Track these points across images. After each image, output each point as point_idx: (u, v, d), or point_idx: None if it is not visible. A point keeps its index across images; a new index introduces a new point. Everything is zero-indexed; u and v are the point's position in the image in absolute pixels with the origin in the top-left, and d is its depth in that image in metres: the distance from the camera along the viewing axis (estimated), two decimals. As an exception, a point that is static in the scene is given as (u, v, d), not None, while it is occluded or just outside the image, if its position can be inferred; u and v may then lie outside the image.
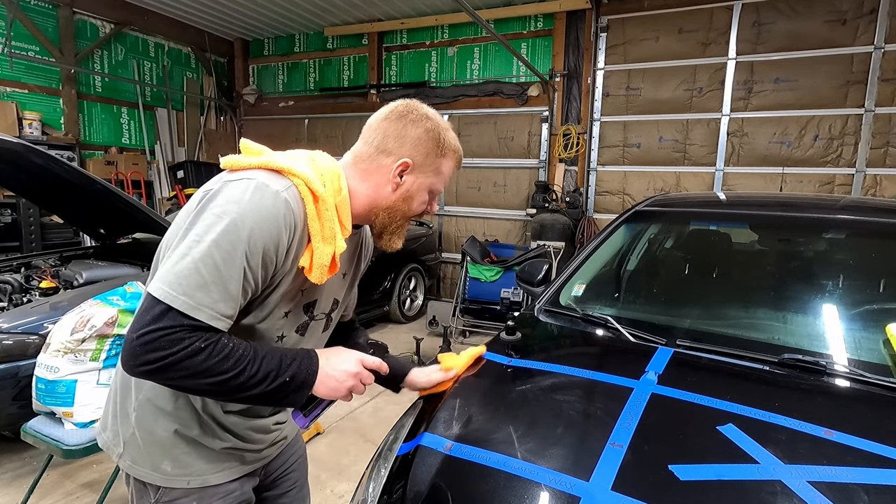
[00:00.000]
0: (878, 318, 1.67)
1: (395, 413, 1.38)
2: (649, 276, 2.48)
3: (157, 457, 1.07)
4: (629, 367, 1.51)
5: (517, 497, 1.06)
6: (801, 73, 5.22)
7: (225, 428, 1.10)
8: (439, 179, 1.14)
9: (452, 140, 1.14)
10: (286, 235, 0.94)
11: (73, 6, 6.43)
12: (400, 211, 1.12)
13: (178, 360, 0.86)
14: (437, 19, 6.76)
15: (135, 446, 1.08)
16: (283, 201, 0.93)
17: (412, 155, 1.08)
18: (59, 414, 2.27)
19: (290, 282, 1.02)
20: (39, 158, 2.95)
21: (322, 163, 1.06)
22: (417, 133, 1.08)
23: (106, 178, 5.49)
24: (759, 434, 1.17)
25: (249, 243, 0.89)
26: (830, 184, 5.24)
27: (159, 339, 0.85)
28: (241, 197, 0.91)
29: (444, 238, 7.11)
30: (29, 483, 2.49)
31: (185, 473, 1.08)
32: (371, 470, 1.29)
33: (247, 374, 0.91)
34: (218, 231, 0.88)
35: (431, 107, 1.14)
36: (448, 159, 1.14)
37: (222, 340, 0.90)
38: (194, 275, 0.87)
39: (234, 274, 0.89)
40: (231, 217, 0.89)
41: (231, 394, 0.94)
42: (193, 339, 0.87)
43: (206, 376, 0.89)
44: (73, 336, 2.27)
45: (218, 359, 0.89)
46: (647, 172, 5.98)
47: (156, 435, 1.07)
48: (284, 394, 0.97)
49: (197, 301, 0.87)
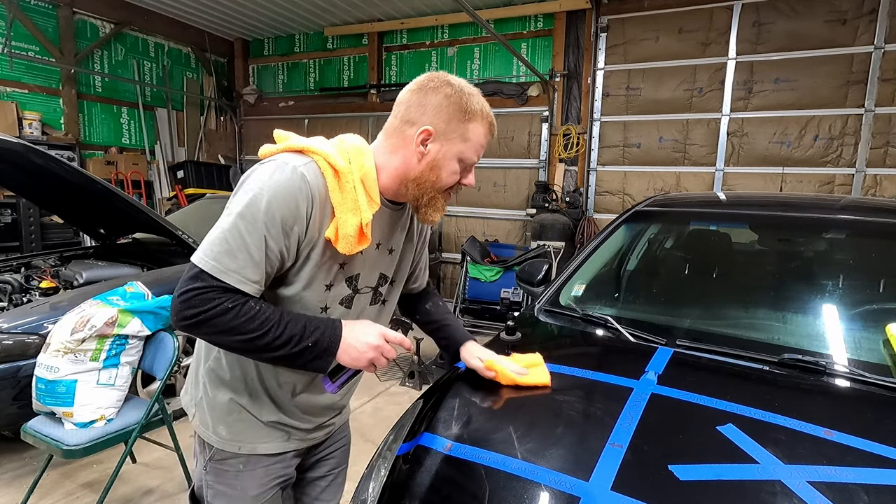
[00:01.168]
0: (878, 318, 1.67)
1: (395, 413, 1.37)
2: (649, 277, 2.48)
3: (216, 420, 1.20)
4: (629, 367, 1.51)
5: (517, 497, 1.06)
6: (801, 73, 5.22)
7: (274, 401, 1.20)
8: (468, 147, 1.12)
9: (478, 104, 1.12)
10: (304, 205, 1.01)
11: (73, 6, 6.43)
12: (429, 182, 1.11)
13: (210, 318, 0.97)
14: (437, 19, 6.76)
15: (201, 409, 1.23)
16: (299, 175, 1.01)
17: (434, 122, 1.08)
18: (59, 414, 2.27)
19: (320, 253, 1.07)
20: (39, 158, 2.95)
21: (350, 142, 1.13)
22: (437, 99, 1.09)
23: (106, 178, 5.49)
24: (758, 434, 1.17)
25: (267, 213, 0.98)
26: (830, 184, 5.24)
27: (193, 298, 0.97)
28: (265, 176, 1.01)
29: (444, 238, 7.11)
30: (29, 483, 2.49)
31: (237, 440, 1.20)
32: (371, 470, 1.29)
33: (272, 336, 1.00)
34: (243, 204, 0.99)
35: None
36: (475, 123, 1.11)
37: (249, 303, 1.00)
38: (222, 243, 0.99)
39: (256, 242, 0.98)
40: (254, 192, 0.99)
41: (259, 352, 1.03)
42: (222, 299, 0.98)
43: (234, 334, 0.99)
44: (73, 336, 2.27)
45: (244, 319, 0.98)
46: (647, 172, 5.98)
47: (216, 401, 1.20)
48: (309, 358, 1.04)
49: (224, 265, 0.98)
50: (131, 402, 2.47)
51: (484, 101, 1.15)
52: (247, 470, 1.22)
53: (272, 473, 1.25)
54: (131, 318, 2.39)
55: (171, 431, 2.54)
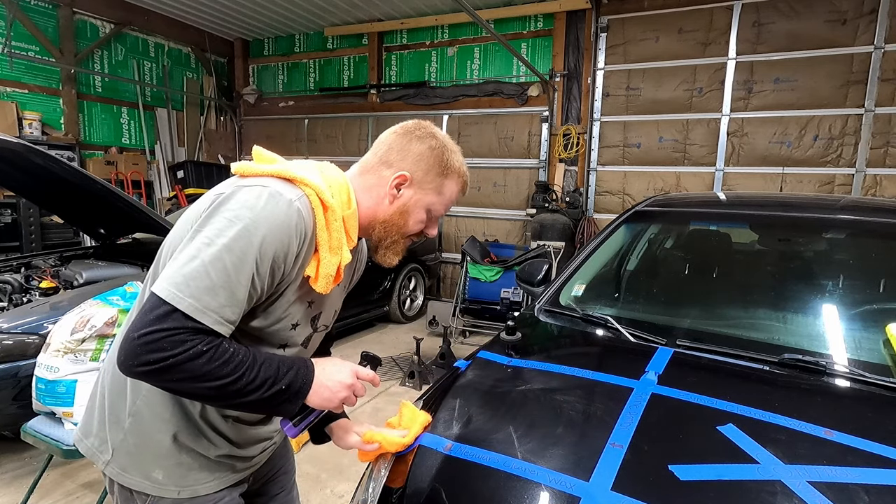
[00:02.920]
0: (878, 318, 1.67)
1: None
2: (649, 277, 2.48)
3: (149, 464, 1.06)
4: (629, 367, 1.51)
5: (517, 497, 1.06)
6: (801, 73, 5.22)
7: (222, 435, 1.10)
8: (439, 200, 1.12)
9: (458, 163, 1.12)
10: (296, 243, 0.94)
11: (73, 6, 6.43)
12: (396, 226, 1.10)
13: (180, 363, 0.85)
14: (437, 19, 6.76)
15: (125, 453, 1.06)
16: (295, 210, 0.93)
17: (412, 169, 1.08)
18: (59, 414, 2.27)
19: (294, 290, 1.02)
20: (39, 158, 2.95)
21: (330, 174, 1.06)
22: (421, 149, 1.08)
23: (106, 178, 5.49)
24: (759, 434, 1.17)
25: (261, 250, 0.90)
26: (830, 184, 5.24)
27: (162, 340, 0.84)
28: (256, 203, 0.91)
29: (444, 238, 7.11)
30: (29, 483, 2.49)
31: (176, 483, 1.07)
32: (371, 470, 1.29)
33: (245, 380, 0.91)
34: (230, 235, 0.88)
35: (432, 107, 1.14)
36: (451, 181, 1.12)
37: (223, 345, 0.90)
38: (203, 277, 0.86)
39: (242, 280, 0.89)
40: (244, 223, 0.89)
41: (228, 399, 0.93)
42: (196, 341, 0.86)
43: (205, 380, 0.88)
44: (73, 336, 2.27)
45: (218, 363, 0.88)
46: (647, 172, 5.98)
47: (151, 441, 1.05)
48: (280, 401, 0.96)
49: (203, 304, 0.86)
50: (131, 402, 2.46)
51: (462, 160, 1.15)
52: None
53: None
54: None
55: (171, 431, 2.54)
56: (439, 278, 7.14)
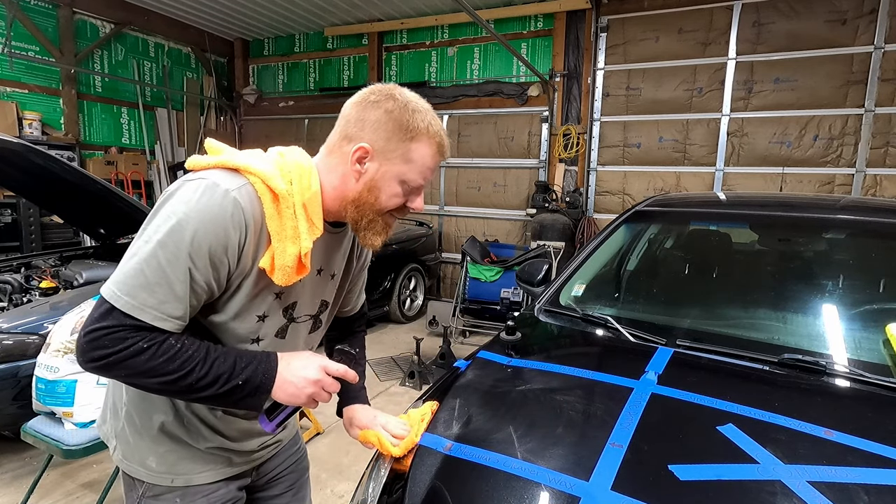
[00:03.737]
0: (878, 318, 1.67)
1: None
2: (649, 277, 2.48)
3: (144, 452, 1.08)
4: (629, 367, 1.51)
5: (517, 497, 1.06)
6: (801, 73, 5.23)
7: (211, 427, 1.09)
8: (411, 168, 1.00)
9: (425, 122, 1.00)
10: (235, 235, 0.90)
11: (73, 6, 6.43)
12: (367, 204, 1.01)
13: (121, 360, 0.86)
14: (437, 19, 6.76)
15: (124, 441, 1.10)
16: (231, 200, 0.90)
17: (372, 139, 0.98)
18: (59, 414, 2.27)
19: (252, 283, 0.97)
20: (39, 158, 2.95)
21: (292, 158, 1.01)
22: (377, 115, 0.98)
23: (106, 178, 5.49)
24: (758, 434, 1.17)
25: (193, 244, 0.87)
26: (830, 184, 5.24)
27: (102, 338, 0.86)
28: (191, 197, 0.89)
29: (444, 238, 7.11)
30: (29, 483, 2.49)
31: (169, 471, 1.09)
32: (371, 470, 1.29)
33: (195, 376, 0.90)
34: (164, 231, 0.87)
35: (432, 107, 1.06)
36: (420, 144, 1.00)
37: (168, 341, 0.89)
38: (139, 275, 0.86)
39: (178, 275, 0.87)
40: (178, 217, 0.87)
41: (182, 394, 0.94)
42: (136, 338, 0.87)
43: (150, 376, 0.88)
44: (73, 336, 2.27)
45: (162, 359, 0.88)
46: (647, 172, 5.98)
47: (142, 431, 1.08)
48: (239, 397, 0.95)
49: (140, 301, 0.86)
50: (131, 402, 2.47)
51: (433, 119, 1.02)
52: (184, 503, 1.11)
53: (213, 501, 1.13)
54: (131, 318, 2.39)
55: (171, 431, 2.54)
56: (439, 278, 7.14)
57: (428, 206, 7.23)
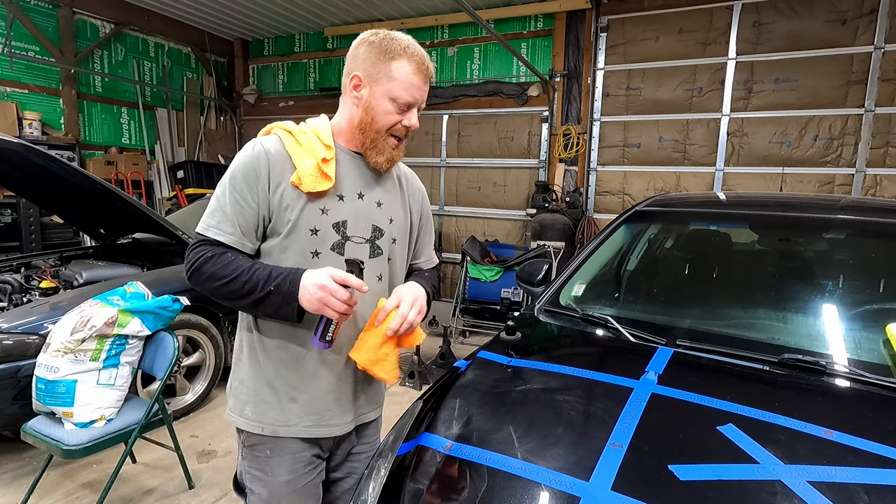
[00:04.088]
0: (878, 318, 1.67)
1: (395, 413, 1.38)
2: (649, 276, 2.48)
3: (244, 401, 1.30)
4: (629, 367, 1.51)
5: (517, 497, 1.06)
6: (801, 73, 5.22)
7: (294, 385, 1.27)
8: (396, 85, 1.20)
9: (402, 44, 1.20)
10: (261, 163, 1.20)
11: (73, 6, 6.43)
12: (368, 125, 1.23)
13: (197, 267, 1.18)
14: (437, 19, 6.76)
15: (233, 396, 1.34)
16: (255, 144, 1.23)
17: (362, 69, 1.21)
18: (59, 414, 2.27)
19: (294, 200, 1.21)
20: (39, 158, 2.95)
21: (308, 119, 1.30)
22: (363, 48, 1.22)
23: (106, 178, 5.48)
24: (759, 434, 1.17)
25: (232, 177, 1.21)
26: (830, 184, 5.24)
27: (189, 253, 1.21)
28: (236, 157, 1.23)
29: (444, 238, 7.11)
30: (29, 483, 2.49)
31: (261, 420, 1.28)
32: (371, 470, 1.29)
33: (241, 280, 1.15)
34: (221, 180, 1.23)
35: (432, 107, 1.18)
36: (400, 61, 1.20)
37: (227, 254, 1.19)
38: (207, 209, 1.23)
39: (227, 200, 1.20)
40: (228, 170, 1.23)
41: (236, 299, 1.18)
42: (205, 250, 1.19)
43: (214, 280, 1.17)
44: (73, 336, 2.27)
45: (220, 265, 1.17)
46: (647, 172, 5.97)
47: (241, 380, 1.31)
48: (276, 303, 1.15)
49: (206, 224, 1.21)
50: (131, 402, 2.47)
51: (412, 43, 1.22)
52: (275, 456, 1.29)
53: (301, 461, 1.30)
54: (131, 318, 2.39)
55: (171, 431, 2.54)
56: (439, 278, 7.13)
57: (428, 206, 7.22)
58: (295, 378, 1.27)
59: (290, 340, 1.26)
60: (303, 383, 1.28)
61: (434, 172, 7.13)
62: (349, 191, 1.27)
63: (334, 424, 1.32)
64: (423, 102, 1.27)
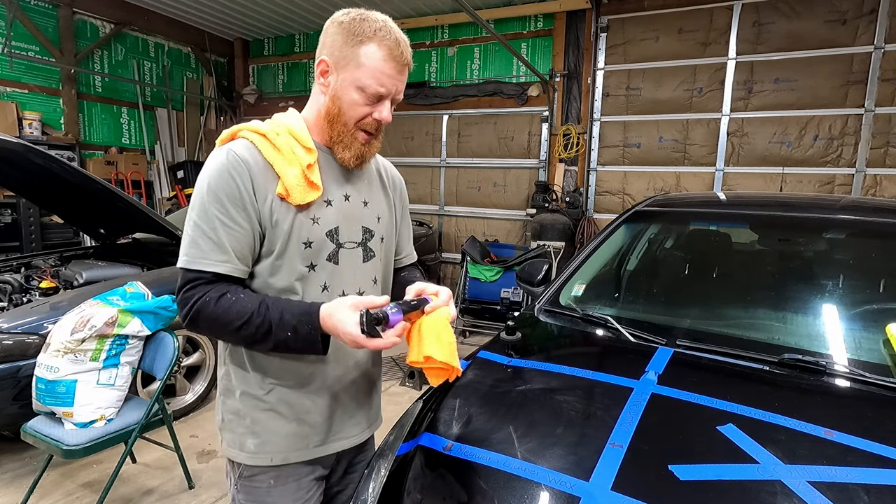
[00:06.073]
0: (878, 318, 1.67)
1: (395, 413, 1.37)
2: (649, 276, 2.47)
3: (241, 435, 1.18)
4: (629, 367, 1.51)
5: (517, 497, 1.06)
6: (801, 73, 5.22)
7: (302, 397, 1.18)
8: (364, 73, 1.05)
9: (374, 26, 1.05)
10: (240, 177, 1.05)
11: (73, 6, 6.43)
12: (335, 116, 1.10)
13: (198, 312, 1.03)
14: (437, 19, 6.76)
15: (227, 430, 1.21)
16: (225, 152, 1.07)
17: (329, 53, 1.08)
18: (59, 414, 2.27)
19: (291, 218, 1.09)
20: (39, 158, 2.95)
21: (276, 115, 1.17)
22: (332, 30, 1.08)
23: (106, 178, 5.49)
24: (759, 434, 1.17)
25: (209, 195, 1.05)
26: (830, 184, 5.24)
27: (182, 297, 1.05)
28: (203, 170, 1.09)
29: (444, 238, 7.11)
30: (29, 483, 2.49)
31: (266, 451, 1.17)
32: (371, 470, 1.29)
33: (252, 325, 1.03)
34: (193, 199, 1.08)
35: (432, 107, 1.13)
36: (370, 46, 1.05)
37: (226, 295, 1.04)
38: (186, 238, 1.07)
39: (210, 224, 1.04)
40: (198, 186, 1.08)
41: (247, 343, 1.08)
42: (203, 291, 1.04)
43: (217, 326, 1.04)
44: (73, 336, 2.27)
45: (222, 309, 1.03)
46: (647, 172, 5.98)
47: (241, 407, 1.18)
48: (297, 348, 1.05)
49: (192, 256, 1.05)
50: (131, 402, 2.47)
51: (386, 24, 1.08)
52: (278, 485, 1.19)
53: (304, 486, 1.21)
54: (131, 318, 2.39)
55: (171, 431, 2.54)
56: (439, 278, 7.13)
57: (428, 206, 7.23)
58: (302, 398, 1.17)
59: (292, 360, 1.15)
60: (310, 400, 1.18)
61: (434, 172, 7.13)
62: (335, 193, 1.15)
63: (346, 437, 1.26)
64: (400, 93, 1.13)
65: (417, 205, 7.27)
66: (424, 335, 1.07)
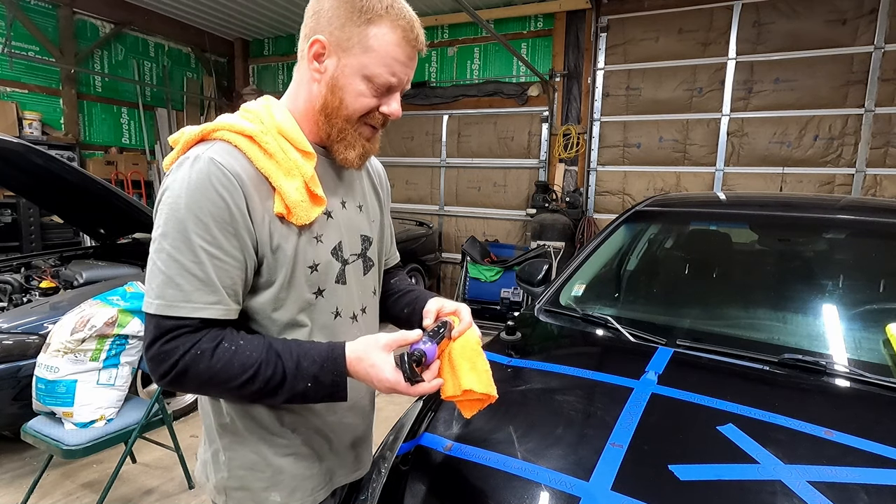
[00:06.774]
0: (878, 318, 1.67)
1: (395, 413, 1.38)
2: (649, 276, 2.48)
3: (264, 490, 0.99)
4: (629, 367, 1.51)
5: (517, 497, 1.06)
6: (801, 73, 5.22)
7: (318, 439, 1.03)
8: (372, 59, 0.87)
9: (382, 2, 0.86)
10: (229, 195, 0.82)
11: (73, 6, 6.42)
12: (334, 109, 0.90)
13: (185, 369, 0.81)
14: (437, 19, 6.76)
15: (239, 489, 1.00)
16: (204, 162, 0.82)
17: (327, 31, 0.87)
18: (59, 414, 2.27)
19: (294, 240, 0.90)
20: (39, 158, 2.95)
21: (253, 106, 0.95)
22: (330, 3, 0.87)
23: (106, 178, 5.49)
24: (759, 434, 1.17)
25: (189, 218, 0.80)
26: (830, 184, 5.24)
27: (158, 351, 0.81)
28: (172, 183, 0.83)
29: (444, 238, 7.11)
30: (29, 483, 2.49)
31: (297, 500, 1.01)
32: (371, 470, 1.29)
33: (262, 378, 0.83)
34: (161, 223, 0.82)
35: (432, 107, 1.03)
36: (380, 27, 0.86)
37: (222, 343, 0.83)
38: (158, 275, 0.82)
39: (191, 257, 0.81)
40: (168, 205, 0.82)
41: (254, 399, 0.88)
42: (186, 343, 0.81)
43: (214, 384, 0.83)
44: (73, 336, 2.27)
45: (221, 363, 0.82)
46: (647, 172, 5.98)
47: (256, 464, 0.98)
48: (318, 397, 0.88)
49: (168, 300, 0.81)
50: (131, 402, 2.47)
51: (397, 1, 0.88)
52: None
53: None
54: (131, 318, 2.39)
55: (171, 431, 2.54)
56: (439, 278, 7.13)
57: (428, 206, 7.23)
58: (319, 429, 1.02)
59: None
60: (328, 430, 1.03)
61: (434, 172, 7.13)
62: (333, 202, 0.98)
63: (363, 462, 1.16)
64: (409, 83, 0.94)
65: (417, 205, 7.28)
66: (458, 365, 0.94)
